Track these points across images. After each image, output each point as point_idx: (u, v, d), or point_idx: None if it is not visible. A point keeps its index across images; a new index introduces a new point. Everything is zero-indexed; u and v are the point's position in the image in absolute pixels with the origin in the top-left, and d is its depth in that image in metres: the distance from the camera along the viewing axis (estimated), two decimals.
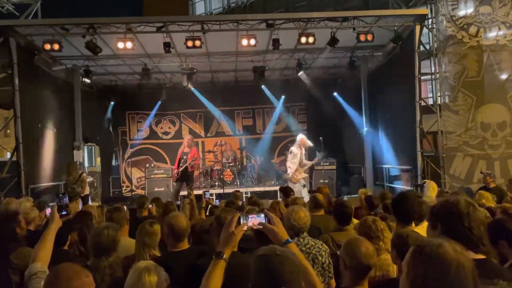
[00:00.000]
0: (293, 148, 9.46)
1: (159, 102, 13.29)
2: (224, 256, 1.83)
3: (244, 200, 7.84)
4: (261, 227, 1.92)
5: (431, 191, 6.11)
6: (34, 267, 2.29)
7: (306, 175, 9.90)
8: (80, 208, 7.85)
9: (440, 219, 1.74)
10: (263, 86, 12.79)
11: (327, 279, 3.04)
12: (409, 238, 2.37)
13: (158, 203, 6.02)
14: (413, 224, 3.20)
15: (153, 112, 13.70)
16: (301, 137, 9.60)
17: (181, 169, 9.68)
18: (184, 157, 9.84)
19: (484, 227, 1.68)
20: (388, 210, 4.34)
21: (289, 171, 9.34)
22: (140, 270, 2.09)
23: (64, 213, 2.64)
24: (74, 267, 1.90)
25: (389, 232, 3.05)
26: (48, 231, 2.52)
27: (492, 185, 7.01)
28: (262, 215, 1.93)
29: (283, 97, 13.59)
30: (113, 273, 2.65)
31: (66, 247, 3.34)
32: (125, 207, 4.39)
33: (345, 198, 6.30)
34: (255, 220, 1.91)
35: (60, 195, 2.73)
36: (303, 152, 9.48)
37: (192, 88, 12.39)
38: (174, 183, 10.38)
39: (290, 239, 1.91)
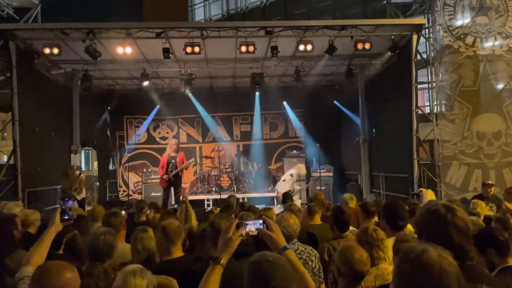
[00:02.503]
0: (294, 172, 10.82)
1: (157, 107, 13.32)
2: (221, 262, 1.84)
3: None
4: (259, 233, 1.93)
5: (428, 199, 6.15)
6: (24, 271, 2.24)
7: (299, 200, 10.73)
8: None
9: (423, 229, 1.76)
10: (257, 93, 12.87)
11: (317, 284, 3.08)
12: None
13: (155, 208, 6.00)
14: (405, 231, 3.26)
15: (151, 117, 13.71)
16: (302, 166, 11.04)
17: (172, 174, 9.61)
18: (173, 161, 9.75)
19: (465, 233, 1.69)
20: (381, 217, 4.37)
21: (281, 190, 10.09)
22: (126, 273, 2.10)
23: (66, 217, 2.59)
24: (62, 263, 1.93)
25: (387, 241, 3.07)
26: (47, 234, 2.48)
27: (490, 194, 7.06)
28: (261, 221, 1.94)
29: (284, 102, 13.65)
30: (107, 279, 2.65)
31: (60, 251, 3.33)
32: (123, 212, 4.39)
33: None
34: (253, 226, 1.92)
35: (66, 198, 2.70)
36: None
37: (189, 94, 12.43)
38: (162, 190, 10.16)
39: (288, 246, 1.93)
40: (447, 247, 1.37)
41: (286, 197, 6.76)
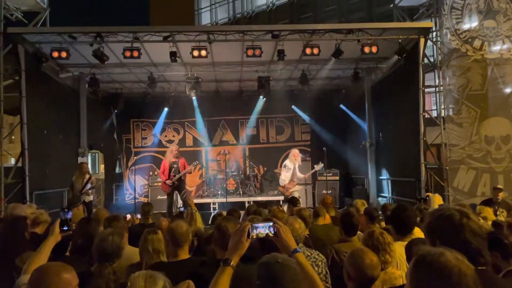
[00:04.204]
0: (287, 162, 9.80)
1: (166, 109, 13.32)
2: (232, 263, 1.83)
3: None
4: (269, 235, 1.92)
5: (436, 204, 6.11)
6: (22, 280, 2.24)
7: (300, 187, 10.09)
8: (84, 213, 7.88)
9: (437, 235, 1.74)
10: (260, 97, 12.88)
11: None
12: None
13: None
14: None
15: (161, 120, 13.73)
16: (294, 151, 9.96)
17: (175, 178, 9.64)
18: (175, 166, 9.77)
19: (481, 237, 1.68)
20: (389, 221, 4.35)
21: (282, 183, 9.69)
22: (137, 277, 2.10)
23: (65, 228, 2.62)
24: (59, 263, 1.95)
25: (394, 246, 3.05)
26: (46, 244, 2.50)
27: (500, 199, 7.01)
28: (270, 224, 1.93)
29: (293, 106, 13.66)
30: (118, 279, 2.66)
31: (67, 253, 3.35)
32: (128, 216, 4.40)
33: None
34: (262, 229, 1.91)
35: (65, 209, 2.73)
36: (297, 165, 9.77)
37: (193, 98, 12.43)
38: (166, 195, 10.16)
39: (298, 249, 1.91)
40: (464, 251, 1.36)
41: (294, 201, 6.73)
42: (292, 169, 9.65)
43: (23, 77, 8.52)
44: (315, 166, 10.34)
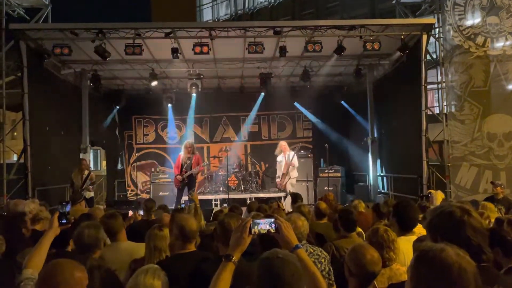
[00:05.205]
0: (278, 157, 10.05)
1: (170, 106, 13.30)
2: (233, 259, 1.84)
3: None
4: (270, 231, 1.92)
5: (438, 201, 6.10)
6: (24, 274, 2.25)
7: (297, 175, 10.08)
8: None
9: (438, 231, 1.75)
10: (262, 94, 12.84)
11: (327, 286, 3.03)
12: None
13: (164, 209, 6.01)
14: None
15: (171, 117, 13.71)
16: (281, 143, 10.26)
17: (186, 174, 9.66)
18: (188, 161, 9.79)
19: (482, 234, 1.68)
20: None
21: (277, 179, 9.96)
22: (139, 273, 2.11)
23: (64, 221, 2.62)
24: (72, 261, 1.95)
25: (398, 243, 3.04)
26: (45, 238, 2.50)
27: (500, 196, 6.98)
28: (272, 220, 1.93)
29: (296, 103, 13.64)
30: (102, 265, 2.68)
31: (69, 249, 3.36)
32: (130, 212, 4.41)
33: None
34: (264, 225, 1.92)
35: (64, 202, 2.72)
36: (288, 155, 9.94)
37: (193, 95, 12.40)
38: (176, 189, 10.21)
39: (299, 245, 1.91)
40: (465, 248, 1.36)
41: (296, 197, 6.72)
42: (284, 162, 9.82)
43: (25, 73, 8.53)
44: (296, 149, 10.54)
